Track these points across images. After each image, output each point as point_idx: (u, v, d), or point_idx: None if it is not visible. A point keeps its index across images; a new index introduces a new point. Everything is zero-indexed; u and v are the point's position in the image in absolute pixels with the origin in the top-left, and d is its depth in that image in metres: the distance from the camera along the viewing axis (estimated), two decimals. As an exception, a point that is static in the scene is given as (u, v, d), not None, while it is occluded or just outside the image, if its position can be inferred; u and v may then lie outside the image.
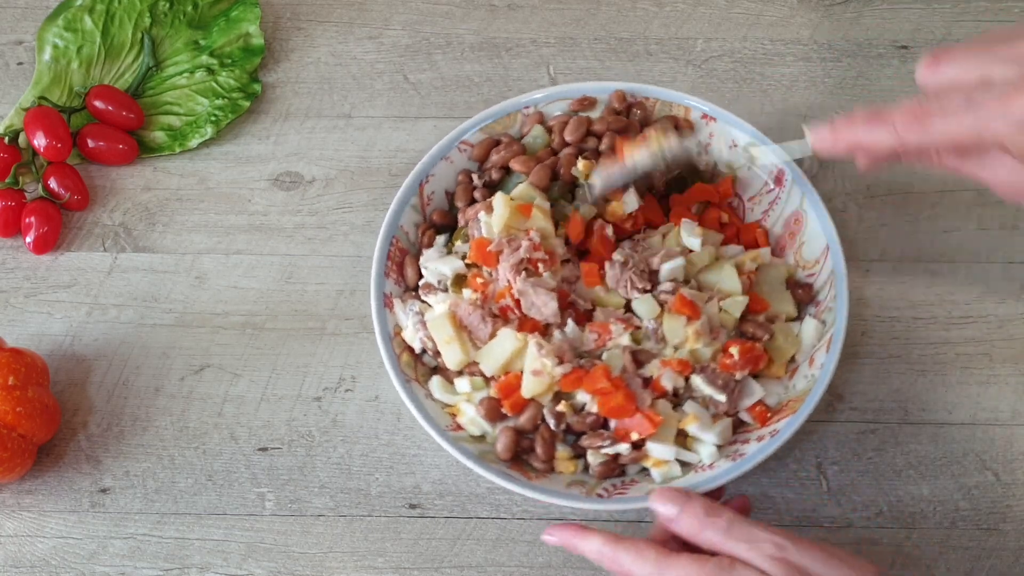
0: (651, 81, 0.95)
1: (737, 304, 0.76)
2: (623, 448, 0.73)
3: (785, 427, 0.73)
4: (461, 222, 0.82)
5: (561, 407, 0.74)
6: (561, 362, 0.74)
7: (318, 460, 0.81)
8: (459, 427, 0.76)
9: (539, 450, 0.74)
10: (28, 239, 0.88)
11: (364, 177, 0.92)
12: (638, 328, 0.76)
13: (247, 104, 0.94)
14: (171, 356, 0.85)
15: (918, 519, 0.78)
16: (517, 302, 0.76)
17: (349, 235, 0.89)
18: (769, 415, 0.75)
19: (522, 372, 0.74)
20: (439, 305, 0.78)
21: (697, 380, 0.74)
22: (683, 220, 0.79)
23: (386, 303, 0.78)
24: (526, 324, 0.76)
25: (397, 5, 1.00)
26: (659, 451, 0.73)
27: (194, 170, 0.93)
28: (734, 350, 0.74)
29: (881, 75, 0.95)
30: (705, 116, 0.83)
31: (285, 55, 0.98)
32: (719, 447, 0.74)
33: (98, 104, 0.92)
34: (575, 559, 0.77)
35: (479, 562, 0.78)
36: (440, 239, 0.82)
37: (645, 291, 0.76)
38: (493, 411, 0.75)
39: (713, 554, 0.65)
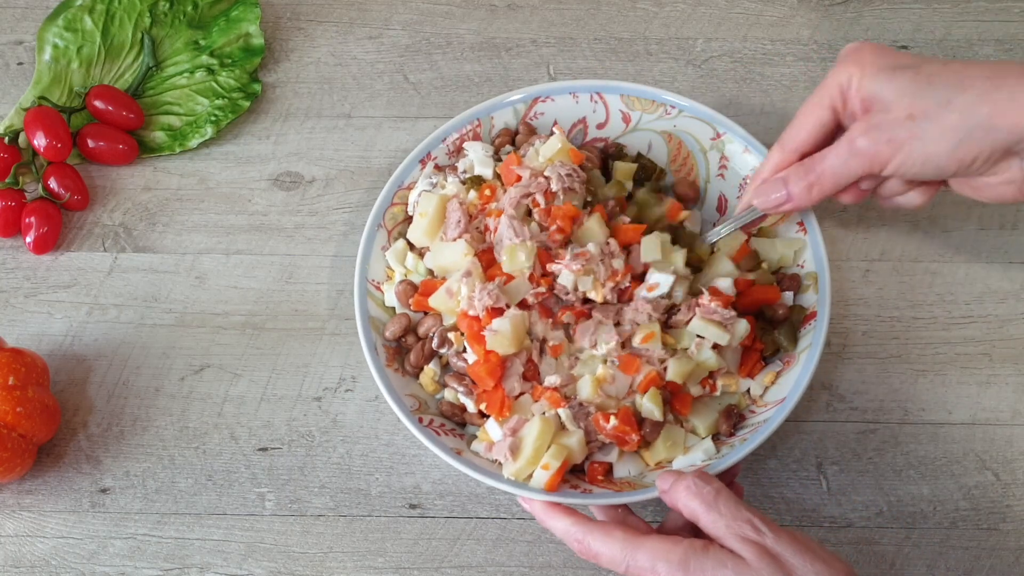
0: (651, 81, 0.95)
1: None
2: (470, 404, 0.77)
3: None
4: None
5: (451, 335, 0.77)
6: (481, 302, 0.74)
7: (318, 460, 0.81)
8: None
9: (412, 356, 0.79)
10: (28, 239, 0.88)
11: (364, 177, 0.92)
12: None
13: (247, 104, 0.94)
14: (171, 356, 0.85)
15: (918, 519, 0.78)
16: (495, 229, 0.78)
17: (349, 235, 0.89)
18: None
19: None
20: (449, 187, 0.82)
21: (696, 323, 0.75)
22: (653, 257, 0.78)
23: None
24: (485, 254, 0.78)
25: (397, 5, 1.00)
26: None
27: (194, 170, 0.93)
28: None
29: (881, 75, 0.95)
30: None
31: (285, 55, 0.98)
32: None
33: (98, 104, 0.92)
34: (575, 559, 0.77)
35: (479, 562, 0.78)
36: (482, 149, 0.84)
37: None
38: (405, 296, 0.80)
39: (695, 533, 0.66)
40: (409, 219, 0.83)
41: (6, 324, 0.86)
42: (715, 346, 0.75)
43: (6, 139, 0.91)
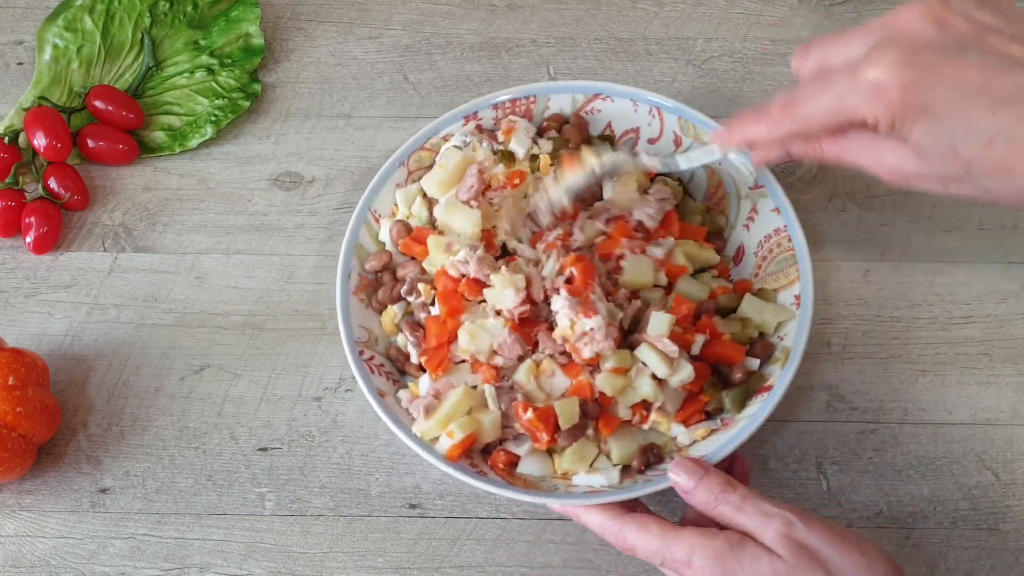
0: (651, 81, 0.95)
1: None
2: (414, 355, 0.78)
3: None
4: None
5: (423, 286, 0.78)
6: (469, 269, 0.76)
7: (318, 460, 0.81)
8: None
9: (380, 293, 0.80)
10: (28, 239, 0.88)
11: (364, 177, 0.92)
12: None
13: (247, 104, 0.94)
14: (171, 356, 0.85)
15: (918, 519, 0.78)
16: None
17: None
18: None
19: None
20: (479, 151, 0.82)
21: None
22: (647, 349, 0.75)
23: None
24: (488, 233, 0.79)
25: (397, 5, 1.00)
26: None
27: (194, 170, 0.93)
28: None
29: (881, 75, 0.95)
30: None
31: (285, 55, 0.98)
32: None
33: (98, 104, 0.92)
34: (575, 559, 0.77)
35: (479, 562, 0.78)
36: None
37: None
38: (397, 234, 0.81)
39: (723, 528, 0.66)
40: (431, 168, 0.84)
41: (6, 324, 0.86)
42: (659, 379, 0.74)
43: (6, 139, 0.91)
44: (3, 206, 0.88)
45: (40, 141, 0.89)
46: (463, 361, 0.76)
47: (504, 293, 0.75)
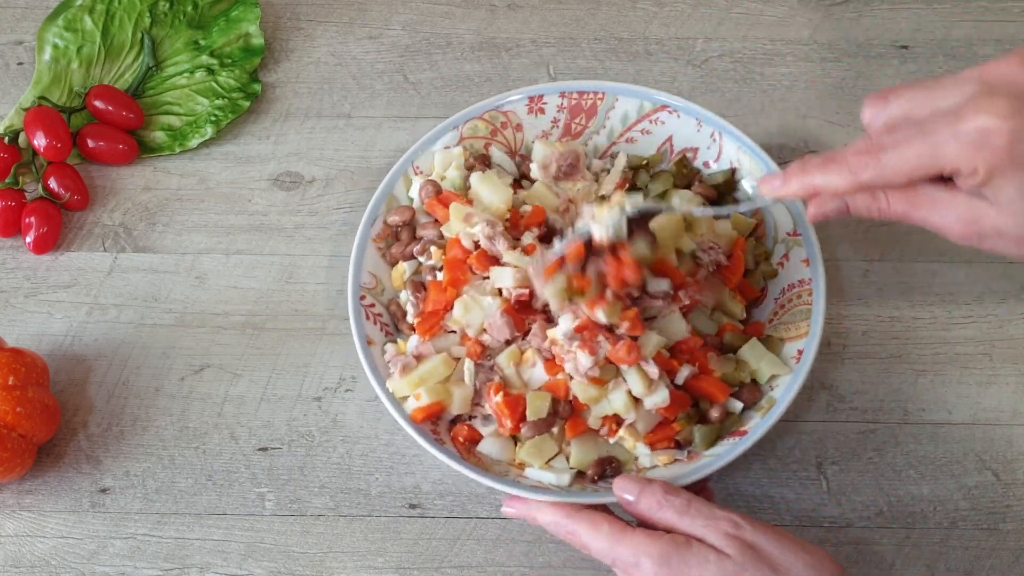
0: (651, 81, 0.95)
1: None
2: (411, 314, 0.79)
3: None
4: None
5: (436, 250, 0.80)
6: (480, 239, 0.76)
7: (318, 460, 0.81)
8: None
9: (395, 248, 0.82)
10: (28, 239, 0.88)
11: (364, 177, 0.92)
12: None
13: (247, 104, 0.94)
14: (171, 356, 0.85)
15: (918, 519, 0.78)
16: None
17: (349, 235, 0.89)
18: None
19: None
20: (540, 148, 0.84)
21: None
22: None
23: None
24: (516, 214, 0.80)
25: (397, 5, 1.00)
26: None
27: (194, 170, 0.93)
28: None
29: (881, 75, 0.95)
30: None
31: (285, 55, 0.98)
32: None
33: (98, 104, 0.92)
34: (575, 559, 0.77)
35: (479, 562, 0.78)
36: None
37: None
38: (424, 192, 0.82)
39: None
40: (485, 140, 0.86)
41: (6, 324, 0.86)
42: (635, 397, 0.74)
43: (6, 139, 0.91)
44: (3, 206, 0.88)
45: (40, 141, 0.89)
46: (453, 332, 0.78)
47: (505, 271, 0.76)
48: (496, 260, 0.77)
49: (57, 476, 0.81)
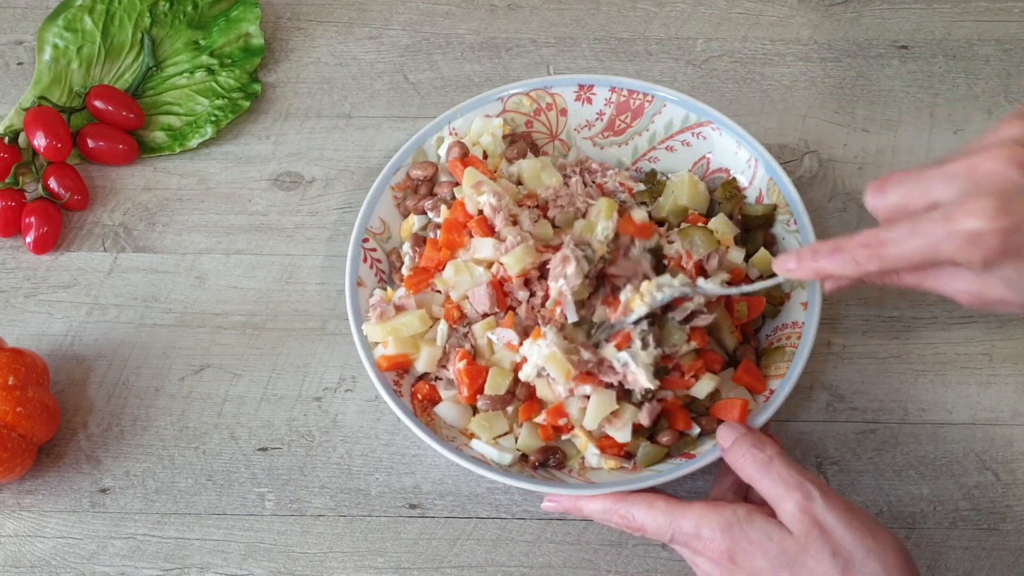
0: (651, 81, 0.94)
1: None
2: (406, 267, 0.81)
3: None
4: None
5: (446, 209, 0.80)
6: (484, 207, 0.78)
7: (318, 460, 0.81)
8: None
9: (409, 200, 0.83)
10: (28, 239, 0.88)
11: (364, 177, 0.92)
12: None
13: (247, 104, 0.94)
14: (171, 356, 0.85)
15: (918, 519, 0.78)
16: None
17: (349, 235, 0.89)
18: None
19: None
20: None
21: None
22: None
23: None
24: (530, 196, 0.81)
25: (397, 5, 1.00)
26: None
27: (194, 170, 0.93)
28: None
29: (881, 75, 0.95)
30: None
31: (285, 55, 0.98)
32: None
33: (98, 104, 0.92)
34: (575, 559, 0.77)
35: (479, 562, 0.78)
36: None
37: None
38: (449, 152, 0.83)
39: (744, 496, 0.68)
40: (527, 117, 0.86)
41: (6, 324, 0.86)
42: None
43: (6, 139, 0.91)
44: (3, 206, 0.88)
45: (40, 141, 0.89)
46: (439, 292, 0.78)
47: (486, 243, 0.76)
48: (492, 231, 0.77)
49: (57, 476, 0.81)
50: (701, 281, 0.75)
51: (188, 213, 0.91)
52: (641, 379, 0.72)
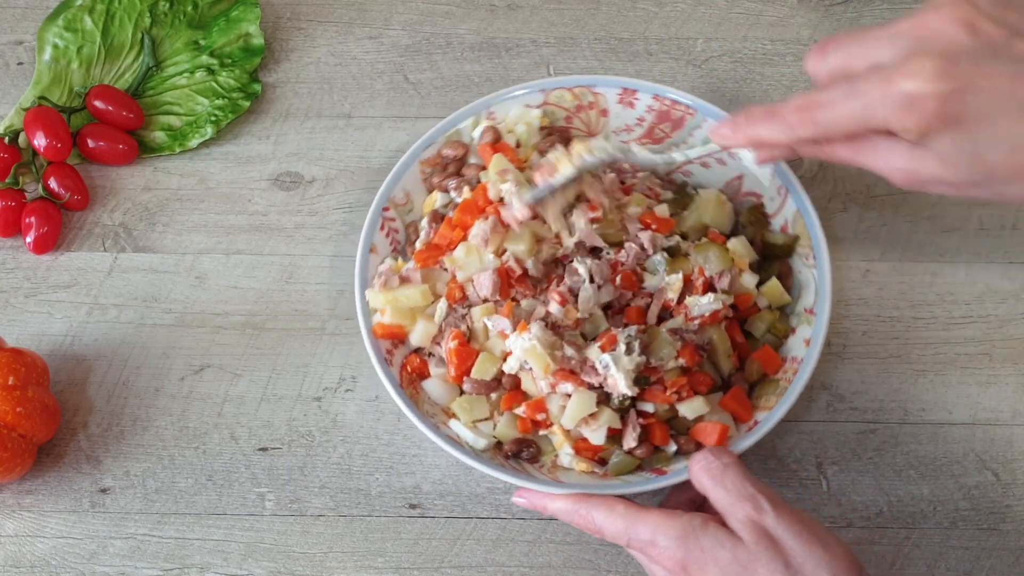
0: (651, 81, 0.94)
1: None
2: (421, 240, 0.81)
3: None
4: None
5: (469, 191, 0.80)
6: (503, 195, 0.78)
7: (318, 460, 0.81)
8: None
9: (436, 177, 0.84)
10: (28, 239, 0.88)
11: (364, 177, 0.92)
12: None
13: (247, 104, 0.94)
14: (171, 356, 0.85)
15: (918, 519, 0.78)
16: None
17: (349, 235, 0.89)
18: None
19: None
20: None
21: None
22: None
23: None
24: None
25: (397, 5, 1.00)
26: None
27: (194, 170, 0.93)
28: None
29: (881, 75, 0.94)
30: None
31: (285, 55, 0.98)
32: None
33: (98, 104, 0.92)
34: (575, 559, 0.77)
35: (479, 562, 0.78)
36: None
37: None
38: (482, 137, 0.84)
39: (698, 510, 0.67)
40: (567, 112, 0.86)
41: (6, 324, 0.86)
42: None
43: (6, 139, 0.91)
44: (3, 206, 0.88)
45: (40, 141, 0.89)
46: (446, 270, 0.79)
47: (484, 226, 0.77)
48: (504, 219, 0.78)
49: (57, 476, 0.81)
50: (635, 145, 0.75)
51: (188, 213, 0.91)
52: (620, 384, 0.72)
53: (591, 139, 0.77)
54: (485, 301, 0.77)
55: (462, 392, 0.77)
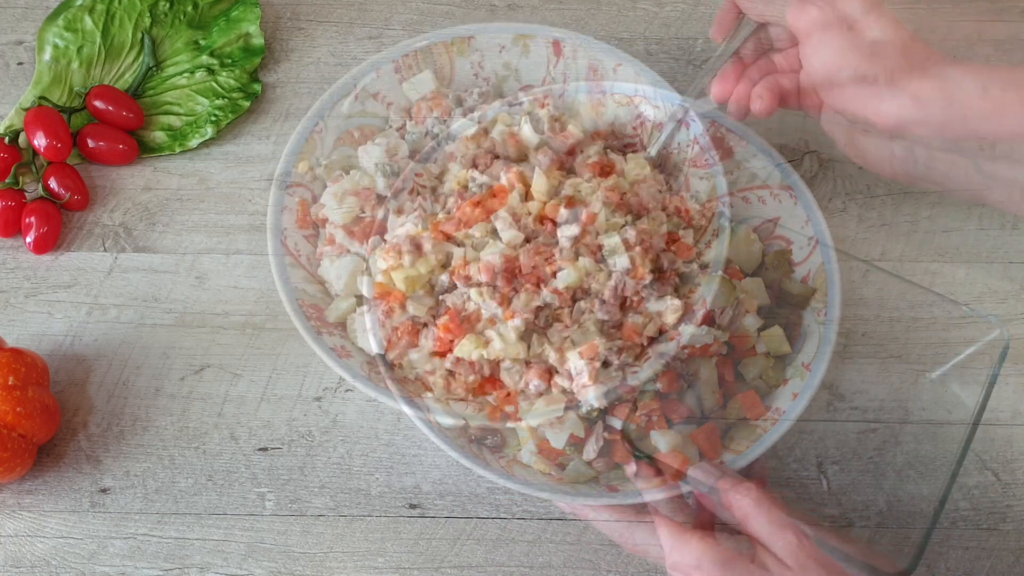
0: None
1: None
2: (426, 208, 0.82)
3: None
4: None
5: (491, 173, 0.81)
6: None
7: (318, 460, 0.81)
8: None
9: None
10: (28, 239, 0.88)
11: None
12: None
13: (247, 104, 0.94)
14: (171, 356, 0.85)
15: (918, 519, 0.78)
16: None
17: (349, 235, 0.89)
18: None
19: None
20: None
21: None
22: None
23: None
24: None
25: (397, 5, 1.00)
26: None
27: (194, 170, 0.93)
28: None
29: (881, 75, 0.95)
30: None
31: (285, 55, 0.98)
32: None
33: (98, 104, 0.92)
34: (575, 559, 0.77)
35: (479, 562, 0.78)
36: None
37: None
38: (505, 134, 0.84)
39: (733, 531, 0.67)
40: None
41: (6, 324, 0.86)
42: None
43: (6, 139, 0.91)
44: (3, 206, 0.88)
45: (40, 141, 0.89)
46: (460, 247, 0.78)
47: (503, 214, 0.77)
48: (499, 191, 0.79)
49: (57, 476, 0.81)
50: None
51: (188, 213, 0.91)
52: (590, 393, 0.72)
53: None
54: (485, 286, 0.77)
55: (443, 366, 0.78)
